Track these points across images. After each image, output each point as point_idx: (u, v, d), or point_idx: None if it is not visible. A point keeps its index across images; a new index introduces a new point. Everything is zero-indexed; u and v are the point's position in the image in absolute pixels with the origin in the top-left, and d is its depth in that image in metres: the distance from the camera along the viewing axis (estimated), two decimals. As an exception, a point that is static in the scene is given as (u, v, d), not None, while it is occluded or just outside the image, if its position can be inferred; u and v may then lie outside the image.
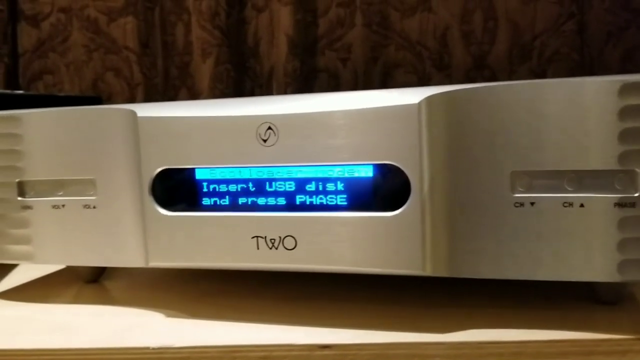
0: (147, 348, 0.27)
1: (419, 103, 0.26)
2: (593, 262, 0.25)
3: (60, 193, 0.32)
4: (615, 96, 0.24)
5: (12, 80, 0.71)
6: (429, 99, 0.26)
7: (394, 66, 0.66)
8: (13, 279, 0.39)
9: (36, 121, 0.32)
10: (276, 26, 0.67)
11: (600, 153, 0.24)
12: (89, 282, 0.37)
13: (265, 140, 0.28)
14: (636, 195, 0.24)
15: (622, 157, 0.24)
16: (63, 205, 0.32)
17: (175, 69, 0.69)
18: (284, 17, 0.66)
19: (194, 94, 0.68)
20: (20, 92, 0.59)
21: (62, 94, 0.69)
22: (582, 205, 0.25)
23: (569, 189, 0.25)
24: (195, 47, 0.68)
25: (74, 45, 0.70)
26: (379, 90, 0.27)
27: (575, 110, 0.24)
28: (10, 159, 0.33)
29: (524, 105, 0.25)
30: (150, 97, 0.69)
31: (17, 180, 0.33)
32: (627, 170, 0.24)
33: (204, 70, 0.68)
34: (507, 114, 0.25)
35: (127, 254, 0.31)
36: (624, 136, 0.24)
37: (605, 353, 0.25)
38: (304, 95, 0.28)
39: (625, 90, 0.24)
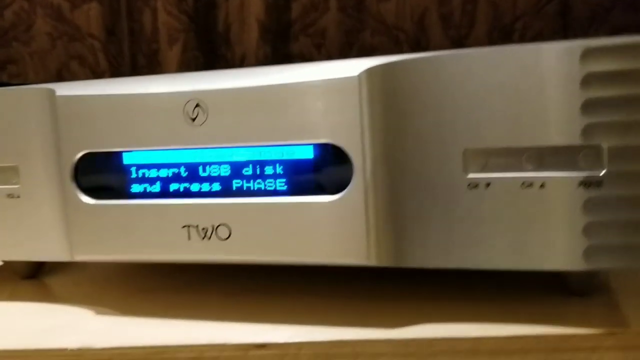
0: (65, 349, 0.25)
1: (359, 76, 0.23)
2: (556, 249, 0.22)
3: (-18, 182, 0.29)
4: (577, 63, 0.21)
5: (-27, 70, 0.69)
6: (370, 71, 0.23)
7: (370, 51, 0.63)
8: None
9: (-48, 103, 0.29)
10: (247, 10, 0.64)
11: (562, 127, 0.22)
12: (26, 278, 0.34)
13: (193, 120, 0.25)
14: (602, 173, 0.22)
15: (586, 131, 0.22)
16: (-15, 195, 0.29)
17: (143, 56, 0.66)
18: (255, 1, 0.64)
19: (160, 82, 0.65)
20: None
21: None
22: (542, 186, 0.22)
23: (528, 167, 0.22)
24: (162, 33, 0.65)
25: (37, 34, 0.67)
26: (319, 63, 0.24)
27: (532, 79, 0.22)
28: None
29: (475, 76, 0.22)
30: (116, 85, 0.66)
31: None
32: (592, 146, 0.22)
33: (171, 57, 0.65)
34: (457, 87, 0.22)
35: (51, 246, 0.28)
36: (588, 107, 0.21)
37: (572, 349, 0.23)
38: (238, 70, 0.25)
39: (589, 55, 0.21)
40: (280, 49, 0.64)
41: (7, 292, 0.32)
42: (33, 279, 0.35)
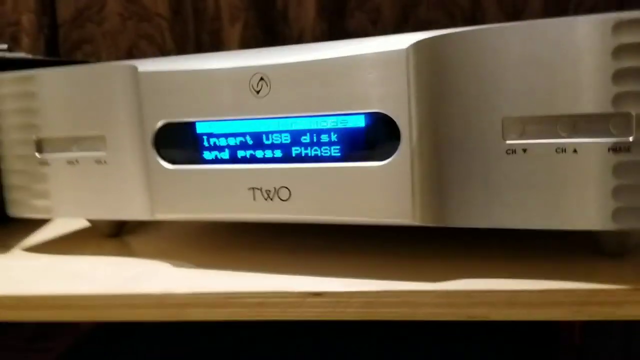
0: (150, 294, 0.28)
1: (407, 49, 0.25)
2: (587, 210, 0.24)
3: (74, 149, 0.33)
4: (609, 35, 0.23)
5: (52, 51, 0.74)
6: (417, 45, 0.25)
7: (425, 26, 0.64)
8: (39, 236, 0.41)
9: (48, 80, 0.33)
10: (304, -12, 0.66)
11: (594, 96, 0.24)
12: (110, 237, 0.39)
13: (258, 92, 0.28)
14: (631, 139, 0.23)
15: (617, 100, 0.23)
16: (77, 161, 0.33)
17: (207, 35, 0.69)
18: (312, -21, 0.66)
19: (223, 60, 0.68)
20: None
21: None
22: (575, 151, 0.24)
23: (562, 134, 0.24)
24: (224, 12, 0.68)
25: (109, 15, 0.72)
26: (369, 38, 0.27)
27: (567, 51, 0.24)
28: (28, 116, 0.34)
29: (513, 48, 0.24)
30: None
31: (34, 137, 0.34)
32: (622, 113, 0.23)
33: (233, 35, 0.68)
34: (496, 58, 0.25)
35: (134, 207, 0.32)
36: (618, 77, 0.23)
37: (599, 303, 0.25)
38: (297, 46, 0.28)
39: (619, 27, 0.23)
40: (336, 26, 0.66)
41: (93, 249, 0.37)
42: (116, 237, 0.39)
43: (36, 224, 0.44)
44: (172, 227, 0.41)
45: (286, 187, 0.28)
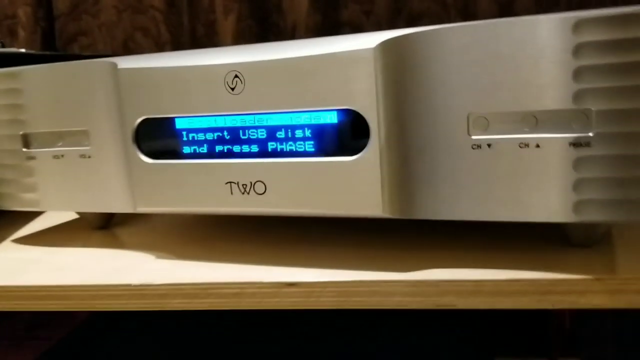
0: (130, 285, 0.29)
1: (375, 48, 0.26)
2: (549, 203, 0.25)
3: (60, 144, 0.34)
4: (570, 33, 0.24)
5: (48, 43, 0.75)
6: (384, 44, 0.26)
7: (418, 17, 0.65)
8: (29, 228, 0.42)
9: (33, 76, 0.34)
10: (298, -21, 0.67)
11: (556, 92, 0.24)
12: (98, 229, 0.40)
13: (233, 89, 0.29)
14: (591, 134, 0.24)
15: (577, 96, 0.24)
16: (62, 156, 0.34)
17: (202, 27, 0.70)
18: (306, -31, 0.66)
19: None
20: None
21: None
22: (538, 146, 0.25)
23: (526, 129, 0.25)
24: (218, 4, 0.68)
25: (104, 7, 0.72)
26: (341, 36, 0.27)
27: (529, 49, 0.24)
28: (14, 112, 0.35)
29: (478, 46, 0.25)
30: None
31: (21, 132, 0.35)
32: (583, 110, 0.24)
33: (227, 27, 0.69)
34: (462, 56, 0.25)
35: (117, 200, 0.33)
36: (579, 74, 0.24)
37: (562, 293, 0.25)
38: (270, 44, 0.29)
39: (580, 26, 0.23)
40: (330, 17, 0.66)
41: (81, 240, 0.38)
42: (104, 229, 0.40)
43: (28, 216, 0.45)
44: (161, 219, 0.41)
45: (261, 182, 0.29)
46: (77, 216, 0.43)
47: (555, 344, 0.51)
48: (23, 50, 0.57)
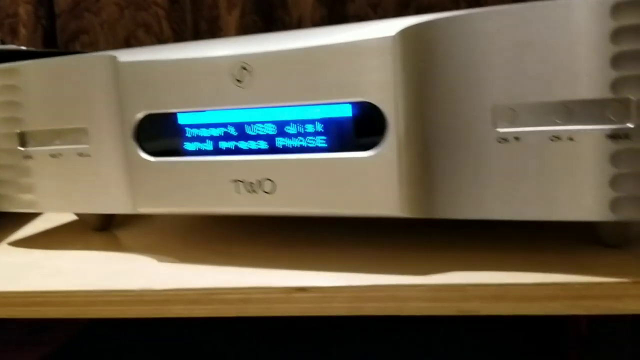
0: (130, 291, 0.27)
1: (394, 36, 0.24)
2: (584, 200, 0.23)
3: (57, 142, 0.33)
4: (607, 17, 0.22)
5: (50, 41, 0.73)
6: (405, 31, 0.24)
7: (426, 10, 0.63)
8: (28, 230, 0.40)
9: (30, 72, 0.32)
10: (303, -28, 0.65)
11: (592, 81, 0.22)
12: (98, 230, 0.38)
13: (239, 81, 0.27)
14: (631, 126, 0.22)
15: (616, 84, 0.22)
16: (60, 154, 0.32)
17: (205, 23, 0.68)
18: (311, -36, 0.64)
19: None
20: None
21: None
22: (571, 139, 0.23)
23: (557, 121, 0.23)
24: (221, -1, 0.67)
25: (106, 4, 0.71)
26: (355, 24, 0.25)
27: (562, 34, 0.22)
28: (11, 110, 0.33)
29: (505, 32, 0.23)
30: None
31: (18, 130, 0.33)
32: (621, 99, 0.22)
33: (230, 22, 0.67)
34: (487, 43, 0.23)
35: (116, 200, 0.31)
36: (618, 61, 0.22)
37: (597, 297, 0.24)
38: (279, 34, 0.27)
39: (618, 9, 0.21)
40: (336, 11, 0.64)
41: (81, 243, 0.36)
42: (105, 231, 0.38)
43: (27, 217, 0.43)
44: (163, 219, 0.40)
45: (270, 180, 0.27)
46: (76, 217, 0.41)
47: (572, 349, 0.49)
48: (23, 47, 0.56)
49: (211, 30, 0.68)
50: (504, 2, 0.60)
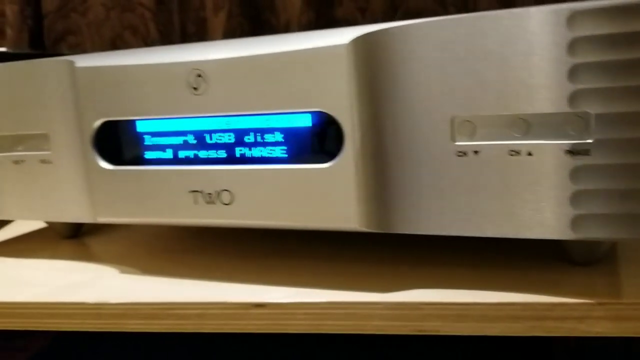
0: (85, 304, 0.27)
1: (348, 44, 0.23)
2: (544, 217, 0.22)
3: (20, 148, 0.32)
4: (564, 27, 0.21)
5: (36, 42, 0.72)
6: (358, 40, 0.23)
7: (415, 14, 0.62)
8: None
9: (-11, 76, 0.31)
10: (291, -25, 0.64)
11: (549, 94, 0.21)
12: (67, 238, 0.37)
13: (196, 89, 0.26)
14: (590, 141, 0.21)
15: (573, 98, 0.21)
16: (23, 161, 0.32)
17: (192, 25, 0.67)
18: (299, -35, 0.64)
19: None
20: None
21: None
22: (530, 154, 0.22)
23: (516, 135, 0.22)
24: (208, 0, 0.66)
25: (93, 5, 0.70)
26: (313, 31, 0.25)
27: (519, 45, 0.21)
28: (-28, 115, 0.32)
29: (461, 42, 0.22)
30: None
31: (-21, 136, 0.33)
32: (580, 113, 0.21)
33: (217, 24, 0.66)
34: (444, 53, 0.22)
35: (77, 209, 0.30)
36: (575, 73, 0.21)
37: (560, 318, 0.23)
38: (234, 40, 0.26)
39: (575, 19, 0.21)
40: (324, 14, 0.64)
41: (50, 251, 0.35)
42: (74, 238, 0.37)
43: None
44: (135, 227, 0.39)
45: (228, 190, 0.26)
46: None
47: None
48: (4, 49, 0.55)
49: (198, 32, 0.67)
50: (493, 6, 0.59)
